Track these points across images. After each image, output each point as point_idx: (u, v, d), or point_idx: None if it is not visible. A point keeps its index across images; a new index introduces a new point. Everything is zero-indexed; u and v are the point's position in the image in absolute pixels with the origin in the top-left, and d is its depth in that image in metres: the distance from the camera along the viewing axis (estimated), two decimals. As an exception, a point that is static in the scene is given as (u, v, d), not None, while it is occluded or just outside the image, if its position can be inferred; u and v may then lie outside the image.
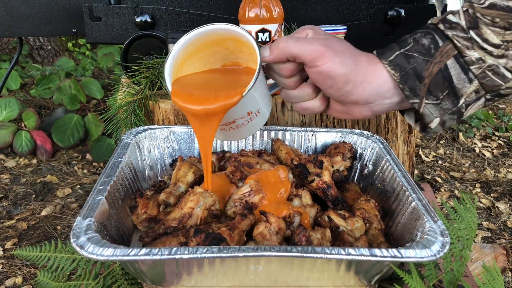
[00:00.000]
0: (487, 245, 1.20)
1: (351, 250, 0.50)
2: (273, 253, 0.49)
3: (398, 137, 1.05)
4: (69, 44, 3.63)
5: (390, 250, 0.50)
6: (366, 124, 0.98)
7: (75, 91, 2.31)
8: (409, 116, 0.59)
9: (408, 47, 0.54)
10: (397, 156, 1.06)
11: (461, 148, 2.27)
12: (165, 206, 0.67)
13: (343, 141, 0.80)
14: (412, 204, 0.61)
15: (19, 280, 1.40)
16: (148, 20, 1.00)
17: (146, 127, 0.80)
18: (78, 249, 0.49)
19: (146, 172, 0.78)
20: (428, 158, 2.17)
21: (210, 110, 0.55)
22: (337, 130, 0.82)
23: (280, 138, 0.81)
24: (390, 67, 0.54)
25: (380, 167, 0.73)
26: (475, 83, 0.53)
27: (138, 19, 1.00)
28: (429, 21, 0.56)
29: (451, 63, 0.53)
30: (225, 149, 0.82)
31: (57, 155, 2.23)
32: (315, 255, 0.49)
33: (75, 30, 1.07)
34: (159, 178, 0.79)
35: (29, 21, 1.06)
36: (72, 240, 0.51)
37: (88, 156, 2.21)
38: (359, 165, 0.79)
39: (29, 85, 2.68)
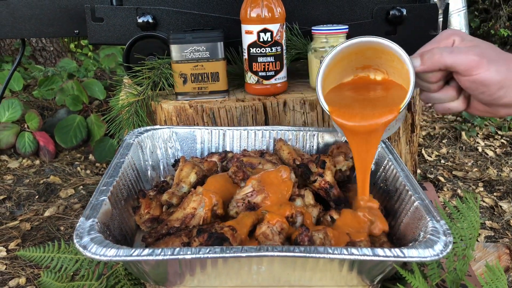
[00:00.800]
0: (490, 244, 1.20)
1: (353, 250, 0.50)
2: (276, 253, 0.49)
3: (400, 137, 1.05)
4: (72, 45, 3.64)
5: (392, 249, 0.50)
6: (368, 124, 0.98)
7: (77, 92, 2.31)
8: None
9: None
10: (400, 156, 1.06)
11: (463, 147, 2.26)
12: (167, 206, 0.67)
13: (346, 140, 0.80)
14: (414, 204, 0.60)
15: (22, 280, 1.40)
16: (150, 20, 1.00)
17: (148, 127, 0.81)
18: (81, 249, 0.50)
19: (149, 173, 0.78)
20: (431, 157, 2.17)
21: (372, 126, 0.59)
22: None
23: (282, 138, 0.81)
24: None
25: (382, 167, 0.73)
26: None
27: (140, 20, 1.00)
28: None
29: None
30: (228, 149, 0.82)
31: (60, 156, 2.24)
32: (317, 255, 0.49)
33: (77, 31, 1.08)
34: (162, 179, 0.79)
35: (32, 23, 1.07)
36: (75, 241, 0.51)
37: (90, 156, 2.22)
38: (361, 165, 0.79)
39: (31, 86, 2.69)
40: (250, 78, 0.94)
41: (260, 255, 0.49)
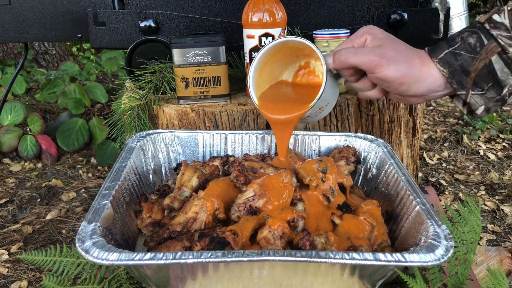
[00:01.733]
0: (492, 248, 1.19)
1: (355, 255, 0.50)
2: (277, 258, 0.49)
3: (401, 140, 1.05)
4: (74, 49, 3.65)
5: (394, 254, 0.50)
6: (370, 128, 0.98)
7: (79, 95, 2.32)
8: (457, 101, 0.66)
9: (456, 46, 0.61)
10: (401, 159, 1.06)
11: (465, 150, 2.26)
12: (169, 210, 0.67)
13: (347, 145, 0.80)
14: (416, 208, 0.61)
15: (24, 284, 1.40)
16: (152, 25, 1.01)
17: (150, 131, 0.81)
18: (83, 253, 0.50)
19: (151, 177, 0.78)
20: (432, 160, 2.17)
21: (287, 119, 0.71)
22: (341, 134, 0.82)
23: (284, 142, 0.81)
24: (440, 64, 0.62)
25: (384, 171, 0.73)
26: None
27: (142, 24, 1.01)
28: (477, 19, 0.63)
29: (495, 59, 0.59)
30: (229, 153, 0.82)
31: (62, 159, 2.24)
32: (319, 260, 0.49)
33: (80, 35, 1.08)
34: (164, 183, 0.79)
35: (34, 27, 1.07)
36: (77, 245, 0.51)
37: (92, 160, 2.22)
38: (362, 169, 0.79)
39: (34, 90, 2.70)
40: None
41: (261, 259, 0.49)
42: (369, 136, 0.80)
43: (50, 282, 0.67)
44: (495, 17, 0.59)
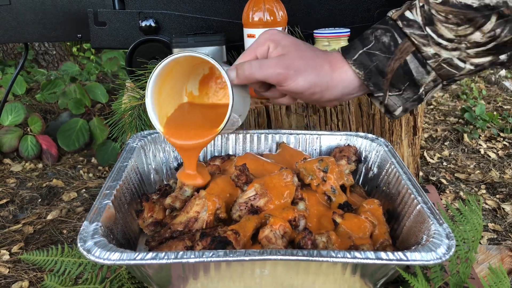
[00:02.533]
0: (493, 246, 1.19)
1: (357, 254, 0.50)
2: (279, 257, 0.49)
3: (402, 139, 1.05)
4: (74, 49, 3.65)
5: (395, 253, 0.50)
6: (371, 127, 0.98)
7: (80, 95, 2.32)
8: (374, 100, 0.63)
9: (370, 45, 0.59)
10: (402, 158, 1.06)
11: (466, 149, 2.26)
12: (171, 210, 0.67)
13: (348, 144, 0.80)
14: (417, 207, 0.61)
15: (25, 284, 1.40)
16: (153, 24, 1.01)
17: (151, 131, 0.81)
18: (85, 253, 0.50)
19: (152, 176, 0.78)
20: (433, 159, 2.17)
21: (193, 145, 0.65)
22: (342, 133, 0.82)
23: (285, 141, 0.81)
24: (355, 66, 0.59)
25: (385, 170, 0.73)
26: (433, 74, 0.58)
27: (142, 24, 1.01)
28: (388, 14, 0.60)
29: (410, 58, 0.57)
30: (230, 153, 0.82)
31: (63, 159, 2.24)
32: (320, 259, 0.49)
33: (80, 35, 1.08)
34: (165, 182, 0.79)
35: (35, 27, 1.07)
36: (79, 244, 0.51)
37: (93, 160, 2.22)
38: (364, 168, 0.79)
39: (34, 90, 2.70)
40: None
41: (263, 258, 0.49)
42: (370, 135, 0.80)
43: (51, 282, 0.67)
44: (407, 14, 0.57)
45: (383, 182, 0.73)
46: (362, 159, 0.79)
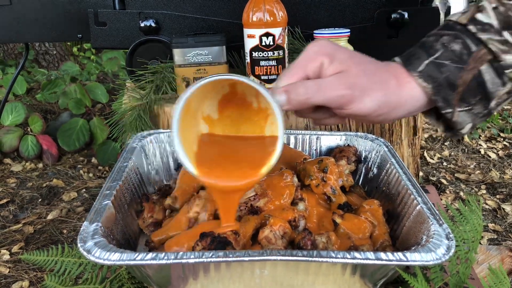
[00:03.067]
0: (493, 247, 1.19)
1: (356, 254, 0.50)
2: (279, 257, 0.49)
3: (402, 140, 1.05)
4: (74, 49, 3.65)
5: (395, 253, 0.50)
6: (371, 127, 0.98)
7: (80, 95, 2.32)
8: (434, 119, 0.55)
9: (437, 55, 0.50)
10: (402, 159, 1.06)
11: (466, 149, 2.26)
12: (171, 210, 0.67)
13: (348, 144, 0.80)
14: (417, 208, 0.61)
15: (25, 284, 1.41)
16: (153, 25, 1.01)
17: (151, 131, 0.81)
18: (85, 253, 0.50)
19: (152, 176, 0.78)
20: (433, 159, 2.17)
21: (238, 187, 0.54)
22: (342, 133, 0.82)
23: (285, 141, 0.82)
24: (422, 79, 0.50)
25: (385, 170, 0.73)
26: (509, 85, 0.50)
27: (142, 24, 1.01)
28: (452, 19, 0.52)
29: (485, 68, 0.50)
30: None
31: (63, 159, 2.24)
32: (320, 259, 0.49)
33: (80, 35, 1.08)
34: (165, 182, 0.79)
35: (35, 27, 1.07)
36: (79, 245, 0.51)
37: (93, 160, 2.22)
38: (363, 168, 0.79)
39: (35, 90, 2.70)
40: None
41: (263, 259, 0.49)
42: (370, 135, 0.80)
43: (52, 282, 0.67)
44: (480, 17, 0.50)
45: (383, 183, 0.73)
46: (362, 159, 0.79)
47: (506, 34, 0.48)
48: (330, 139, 0.82)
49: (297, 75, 0.52)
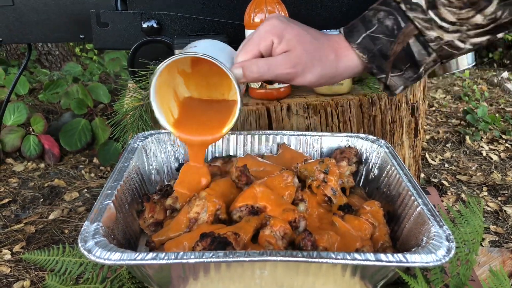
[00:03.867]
0: (494, 249, 1.19)
1: (356, 255, 0.50)
2: (279, 258, 0.49)
3: (403, 141, 1.05)
4: (77, 49, 3.66)
5: (395, 255, 0.50)
6: (372, 128, 0.98)
7: (82, 95, 2.33)
8: (377, 80, 0.64)
9: (373, 29, 0.60)
10: (403, 160, 1.06)
11: (467, 151, 2.26)
12: (171, 211, 0.67)
13: (349, 145, 0.80)
14: (417, 209, 0.61)
15: (27, 283, 1.41)
16: (155, 25, 1.01)
17: (153, 131, 0.81)
18: (86, 253, 0.50)
19: (153, 176, 0.78)
20: (435, 161, 2.16)
21: (205, 141, 0.68)
22: (343, 134, 0.82)
23: (286, 142, 0.82)
24: (359, 50, 0.60)
25: (385, 172, 0.73)
26: (433, 55, 0.60)
27: (144, 25, 1.01)
28: None
29: (412, 41, 0.59)
30: (231, 153, 0.82)
31: (65, 159, 2.25)
32: (320, 260, 0.49)
33: (82, 36, 1.09)
34: (166, 182, 0.79)
35: (38, 28, 1.08)
36: (80, 244, 0.51)
37: (95, 160, 2.23)
38: (364, 170, 0.79)
39: (37, 90, 2.71)
40: (254, 83, 0.94)
41: (263, 259, 0.49)
42: (370, 137, 0.80)
43: (53, 281, 0.67)
44: None
45: (383, 184, 0.73)
46: (363, 160, 0.79)
47: (430, 13, 0.57)
48: (331, 140, 0.82)
49: (251, 52, 0.61)
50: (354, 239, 0.59)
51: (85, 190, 1.98)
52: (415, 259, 0.50)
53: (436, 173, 2.05)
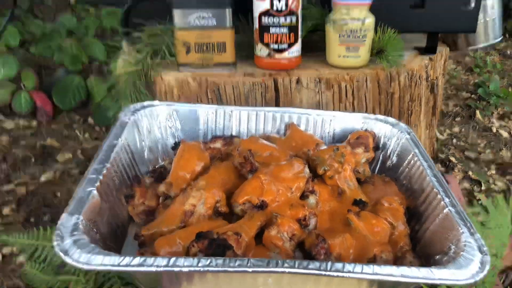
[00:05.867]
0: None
1: (377, 269, 0.43)
2: (287, 270, 0.42)
3: (421, 121, 0.97)
4: (72, 0, 3.48)
5: (421, 269, 0.44)
6: (389, 107, 0.89)
7: (77, 51, 2.21)
8: None
9: None
10: (419, 141, 0.98)
11: (477, 126, 2.17)
12: (164, 198, 0.60)
13: (366, 129, 0.72)
14: (444, 210, 0.53)
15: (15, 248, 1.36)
16: (152, -20, 0.90)
17: (145, 103, 0.72)
18: (61, 254, 0.43)
19: (145, 154, 0.70)
20: (443, 136, 2.08)
21: None
22: (359, 115, 0.73)
23: (295, 122, 0.73)
24: None
25: (406, 161, 0.66)
26: None
27: (140, -21, 0.90)
28: None
29: None
30: (234, 132, 0.74)
31: (58, 118, 2.16)
32: (336, 274, 0.42)
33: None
34: (160, 161, 0.71)
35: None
36: (55, 243, 0.44)
37: (90, 119, 2.14)
38: (381, 156, 0.71)
39: (29, 42, 2.57)
40: (261, 51, 0.85)
41: (269, 270, 0.42)
42: (390, 119, 0.72)
43: (32, 269, 0.61)
44: None
45: (403, 175, 0.65)
46: (380, 146, 0.71)
47: None
48: (346, 121, 0.73)
49: None
50: (371, 243, 0.52)
51: (79, 151, 1.90)
52: (443, 276, 0.43)
53: (443, 148, 1.97)
